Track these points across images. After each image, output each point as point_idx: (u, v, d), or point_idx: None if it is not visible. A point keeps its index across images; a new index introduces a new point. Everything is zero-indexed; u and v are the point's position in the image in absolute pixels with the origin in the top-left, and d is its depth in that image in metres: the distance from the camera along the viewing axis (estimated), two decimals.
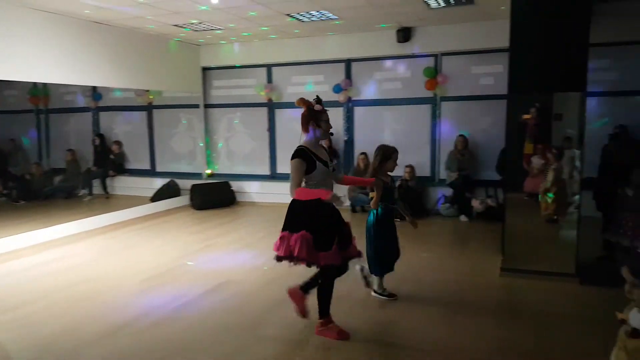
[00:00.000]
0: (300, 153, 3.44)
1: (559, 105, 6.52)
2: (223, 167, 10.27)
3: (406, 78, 8.67)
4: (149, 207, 8.87)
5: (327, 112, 3.58)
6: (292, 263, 3.47)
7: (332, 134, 3.71)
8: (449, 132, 8.37)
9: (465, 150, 8.00)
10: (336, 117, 9.04)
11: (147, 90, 10.06)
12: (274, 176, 9.75)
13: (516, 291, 4.62)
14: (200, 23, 7.72)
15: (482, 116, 8.25)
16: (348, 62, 8.96)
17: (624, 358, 1.86)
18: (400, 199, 5.09)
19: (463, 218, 7.74)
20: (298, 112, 3.60)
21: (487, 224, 7.34)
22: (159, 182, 9.94)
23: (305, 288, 3.75)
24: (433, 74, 8.31)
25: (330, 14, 7.20)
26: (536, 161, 6.99)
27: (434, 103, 8.48)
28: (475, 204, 7.76)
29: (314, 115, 3.51)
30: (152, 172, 10.61)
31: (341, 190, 8.67)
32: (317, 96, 3.61)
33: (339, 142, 9.11)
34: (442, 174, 8.40)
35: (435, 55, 8.38)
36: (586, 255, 5.01)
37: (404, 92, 8.66)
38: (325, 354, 3.45)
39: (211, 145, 10.28)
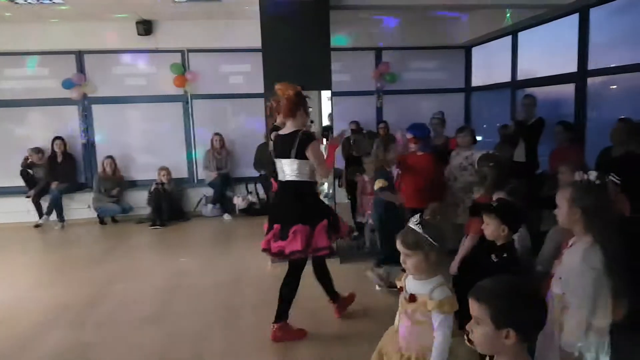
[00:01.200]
0: (314, 135, 3.45)
1: None
2: None
3: (152, 74, 8.12)
4: None
5: None
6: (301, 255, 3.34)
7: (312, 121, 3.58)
8: (203, 130, 8.19)
9: (222, 149, 7.97)
10: (70, 117, 7.92)
11: None
12: None
13: None
14: None
15: (235, 115, 8.35)
16: (79, 54, 7.86)
17: (405, 321, 2.07)
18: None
19: (226, 217, 7.70)
20: (18, 111, 2.90)
21: (251, 219, 7.48)
22: None
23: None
24: (181, 71, 7.99)
25: None
26: None
27: (185, 101, 8.17)
28: (238, 201, 7.82)
29: (304, 100, 3.42)
30: None
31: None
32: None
33: (76, 145, 7.97)
34: (201, 174, 8.19)
35: (182, 52, 8.07)
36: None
37: (150, 89, 8.07)
38: None
39: None
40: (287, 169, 3.38)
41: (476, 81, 8.54)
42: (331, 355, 3.33)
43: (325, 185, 5.56)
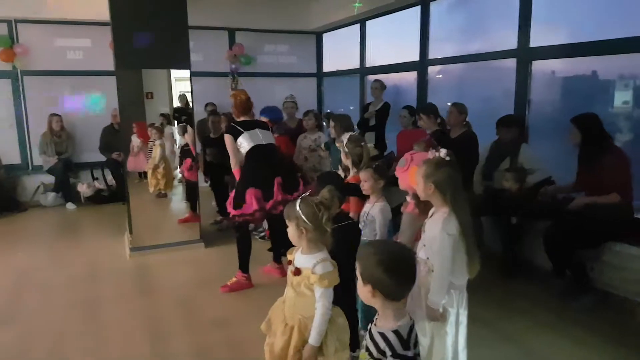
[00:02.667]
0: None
1: (149, 84, 6.76)
2: None
3: None
4: None
5: None
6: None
7: None
8: (38, 111, 7.33)
9: (62, 131, 7.23)
10: None
11: None
12: None
13: (152, 266, 4.64)
14: None
15: (76, 94, 7.61)
16: None
17: (291, 292, 2.18)
18: None
19: (70, 206, 7.04)
20: None
21: (99, 207, 6.98)
22: None
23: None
24: (9, 44, 7.03)
25: None
26: (135, 140, 7.10)
27: (14, 77, 7.21)
28: (82, 188, 7.21)
29: None
30: None
31: None
32: None
33: None
34: (37, 159, 7.34)
35: (8, 21, 7.08)
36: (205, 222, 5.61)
37: None
38: None
39: None
40: None
41: (327, 67, 9.00)
42: (207, 341, 3.34)
43: None
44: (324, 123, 6.35)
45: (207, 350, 3.13)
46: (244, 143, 3.96)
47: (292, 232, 2.14)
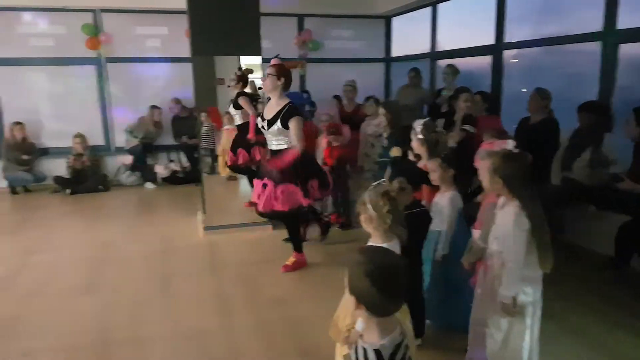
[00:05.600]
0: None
1: (220, 70, 6.96)
2: None
3: (61, 35, 7.53)
4: None
5: None
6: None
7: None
8: (122, 96, 7.80)
9: (159, 122, 7.76)
10: None
11: None
12: None
13: (222, 245, 4.84)
14: None
15: (154, 80, 8.00)
16: None
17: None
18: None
19: (149, 185, 7.48)
20: None
21: (174, 188, 7.35)
22: None
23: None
24: (94, 32, 7.49)
25: None
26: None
27: (98, 64, 7.70)
28: (159, 169, 7.62)
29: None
30: None
31: None
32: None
33: None
34: (118, 141, 7.83)
35: (93, 11, 7.54)
36: None
37: (59, 50, 7.49)
38: None
39: None
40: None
41: (396, 51, 8.85)
42: (267, 317, 3.47)
43: None
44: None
45: (266, 326, 3.29)
46: None
47: (361, 217, 2.15)
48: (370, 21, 8.77)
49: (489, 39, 6.09)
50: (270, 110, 3.95)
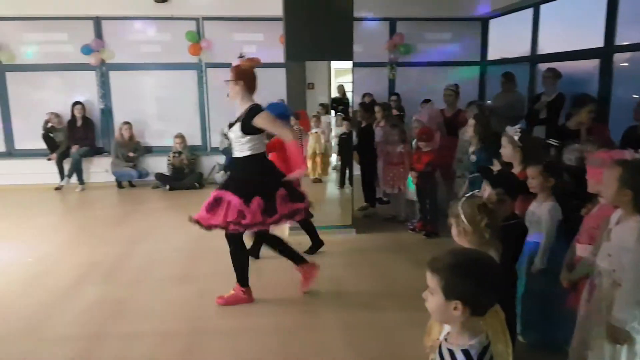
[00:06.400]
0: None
1: (310, 75, 7.11)
2: None
3: (167, 42, 8.12)
4: None
5: None
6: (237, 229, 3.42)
7: None
8: (219, 99, 8.24)
9: None
10: (89, 83, 7.99)
11: None
12: (11, 153, 8.06)
13: (306, 246, 4.81)
14: None
15: None
16: (97, 20, 7.87)
17: None
18: None
19: None
20: (37, 76, 2.99)
21: None
22: None
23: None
24: (196, 39, 7.99)
25: None
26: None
27: (199, 69, 8.19)
28: None
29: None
30: None
31: None
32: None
33: (94, 110, 8.06)
34: (214, 142, 8.27)
35: (197, 19, 8.05)
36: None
37: (165, 56, 8.08)
38: (127, 344, 3.11)
39: None
40: None
41: (493, 54, 8.50)
42: (353, 319, 3.48)
43: None
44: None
45: (353, 327, 3.30)
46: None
47: (453, 230, 2.06)
48: (465, 24, 8.51)
49: (597, 42, 5.65)
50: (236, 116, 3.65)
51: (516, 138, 3.11)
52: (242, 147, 3.53)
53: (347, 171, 5.95)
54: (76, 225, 5.84)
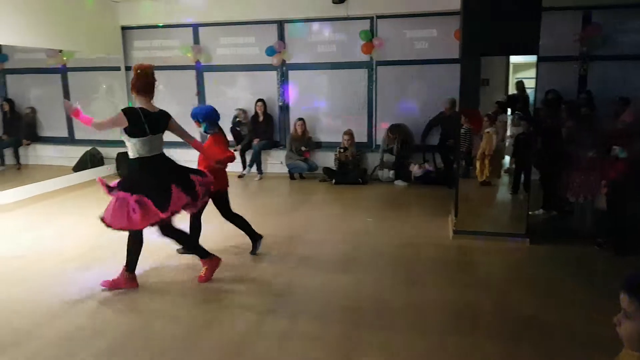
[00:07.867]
0: None
1: (485, 71, 6.66)
2: None
3: (341, 41, 8.44)
4: (71, 178, 8.11)
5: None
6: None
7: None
8: (386, 97, 8.32)
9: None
10: (270, 81, 8.73)
11: (61, 51, 9.09)
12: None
13: (472, 252, 4.70)
14: None
15: (417, 81, 8.24)
16: (280, 24, 8.54)
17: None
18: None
19: (399, 183, 7.76)
20: (229, 75, 3.30)
21: (426, 188, 7.46)
22: (78, 151, 9.13)
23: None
24: (369, 37, 8.14)
25: None
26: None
27: (370, 67, 8.34)
28: (414, 168, 7.83)
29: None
30: (70, 140, 9.74)
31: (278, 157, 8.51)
32: None
33: (274, 107, 8.78)
34: (379, 139, 8.34)
35: (370, 18, 8.20)
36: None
37: (339, 55, 8.43)
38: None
39: None
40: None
41: None
42: (516, 342, 3.19)
43: None
44: None
45: (515, 352, 2.97)
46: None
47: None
48: None
49: None
50: None
51: None
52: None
53: (522, 175, 5.49)
54: (259, 209, 6.29)
